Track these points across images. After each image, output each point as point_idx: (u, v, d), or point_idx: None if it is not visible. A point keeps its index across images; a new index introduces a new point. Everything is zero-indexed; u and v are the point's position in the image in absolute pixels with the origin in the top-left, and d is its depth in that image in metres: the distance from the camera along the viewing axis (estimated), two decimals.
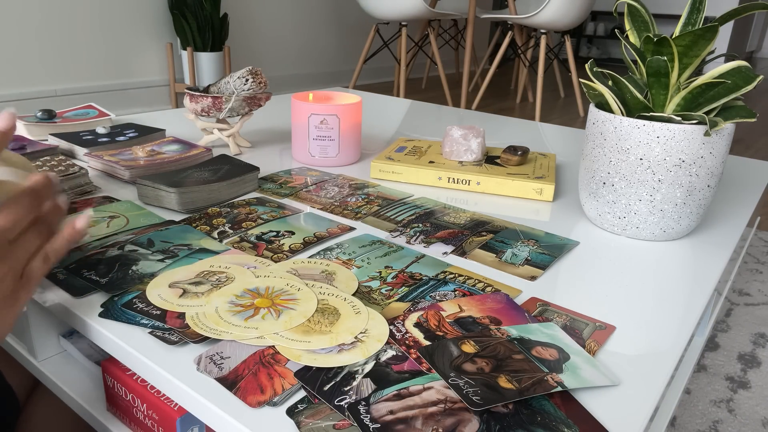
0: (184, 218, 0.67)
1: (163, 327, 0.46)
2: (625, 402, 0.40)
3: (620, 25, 5.45)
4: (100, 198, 0.72)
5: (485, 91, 3.82)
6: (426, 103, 1.43)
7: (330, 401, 0.38)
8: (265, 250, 0.60)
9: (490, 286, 0.54)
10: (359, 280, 0.54)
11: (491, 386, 0.39)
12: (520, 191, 0.79)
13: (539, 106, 2.83)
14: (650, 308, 0.53)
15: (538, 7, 3.00)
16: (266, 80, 0.93)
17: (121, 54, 2.57)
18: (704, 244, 0.67)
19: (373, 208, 0.72)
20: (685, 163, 0.62)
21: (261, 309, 0.48)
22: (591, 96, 0.69)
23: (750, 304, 1.25)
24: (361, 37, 3.84)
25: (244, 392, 0.39)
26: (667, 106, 0.63)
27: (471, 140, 0.85)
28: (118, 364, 0.50)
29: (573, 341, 0.46)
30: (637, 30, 0.67)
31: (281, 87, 3.34)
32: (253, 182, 0.77)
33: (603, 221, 0.69)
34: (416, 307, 0.50)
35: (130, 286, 0.51)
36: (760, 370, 1.03)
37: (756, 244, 1.55)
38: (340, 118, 0.87)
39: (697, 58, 0.60)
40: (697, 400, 0.94)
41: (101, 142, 0.88)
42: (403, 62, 3.09)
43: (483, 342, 0.45)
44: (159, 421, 0.47)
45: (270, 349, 0.43)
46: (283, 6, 3.21)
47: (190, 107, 0.91)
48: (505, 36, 4.01)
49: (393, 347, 0.44)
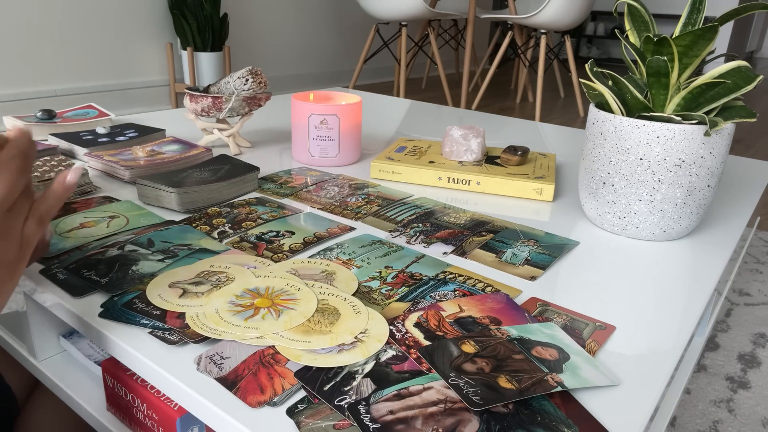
0: (184, 218, 0.67)
1: (163, 327, 0.46)
2: (625, 402, 0.40)
3: (620, 25, 5.45)
4: (100, 198, 0.72)
5: (485, 91, 3.82)
6: (426, 103, 1.43)
7: (330, 401, 0.38)
8: (265, 250, 0.60)
9: (490, 286, 0.54)
10: (359, 280, 0.54)
11: (491, 386, 0.39)
12: (520, 191, 0.79)
13: (539, 106, 2.83)
14: (650, 308, 0.53)
15: (538, 7, 3.00)
16: (266, 80, 0.93)
17: (121, 54, 2.57)
18: (704, 244, 0.67)
19: (373, 208, 0.72)
20: (685, 163, 0.62)
21: (261, 309, 0.48)
22: (591, 96, 0.69)
23: (750, 304, 1.25)
24: (361, 37, 3.84)
25: (244, 392, 0.39)
26: (667, 106, 0.63)
27: (471, 140, 0.85)
28: (118, 364, 0.50)
29: (573, 341, 0.46)
30: (637, 30, 0.67)
31: (281, 87, 3.34)
32: (253, 182, 0.77)
33: (603, 221, 0.69)
34: (416, 307, 0.50)
35: (130, 286, 0.51)
36: (760, 370, 1.03)
37: (756, 244, 1.55)
38: (340, 118, 0.87)
39: (697, 58, 0.60)
40: (697, 400, 0.94)
41: (101, 142, 0.88)
42: (403, 62, 3.09)
43: (483, 342, 0.45)
44: (159, 421, 0.47)
45: (270, 349, 0.43)
46: (283, 6, 3.21)
47: (190, 107, 0.91)
48: (505, 36, 4.01)
49: (393, 347, 0.44)
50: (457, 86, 3.97)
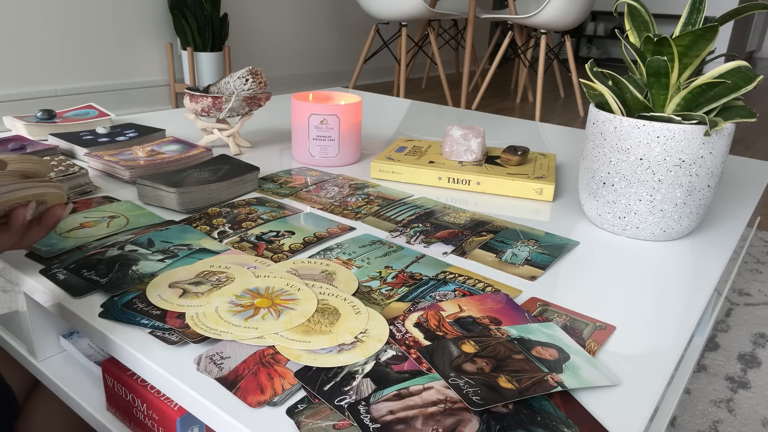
0: (184, 218, 0.67)
1: (163, 327, 0.46)
2: (625, 402, 0.40)
3: (620, 25, 5.45)
4: (100, 198, 0.72)
5: (485, 91, 3.82)
6: (426, 103, 1.43)
7: (330, 401, 0.38)
8: (265, 250, 0.60)
9: (490, 286, 0.54)
10: (359, 280, 0.54)
11: (491, 386, 0.39)
12: (520, 191, 0.79)
13: (539, 106, 2.83)
14: (650, 308, 0.53)
15: (538, 7, 3.00)
16: (266, 80, 0.93)
17: (121, 54, 2.57)
18: (704, 244, 0.67)
19: (373, 208, 0.72)
20: (685, 163, 0.62)
21: (261, 309, 0.48)
22: (591, 96, 0.69)
23: (750, 304, 1.25)
24: (361, 37, 3.84)
25: (244, 392, 0.39)
26: (667, 106, 0.63)
27: (471, 140, 0.85)
28: (118, 364, 0.50)
29: (573, 341, 0.46)
30: (637, 30, 0.67)
31: (281, 87, 3.34)
32: (253, 182, 0.77)
33: (603, 221, 0.69)
34: (416, 307, 0.50)
35: (130, 286, 0.51)
36: (760, 370, 1.03)
37: (756, 244, 1.55)
38: (340, 118, 0.87)
39: (697, 58, 0.60)
40: (697, 400, 0.94)
41: (101, 142, 0.88)
42: (403, 62, 3.09)
43: (483, 342, 0.45)
44: (159, 421, 0.47)
45: (270, 349, 0.43)
46: (283, 6, 3.21)
47: (190, 107, 0.91)
48: (505, 36, 4.01)
49: (393, 347, 0.44)
50: (457, 86, 3.96)
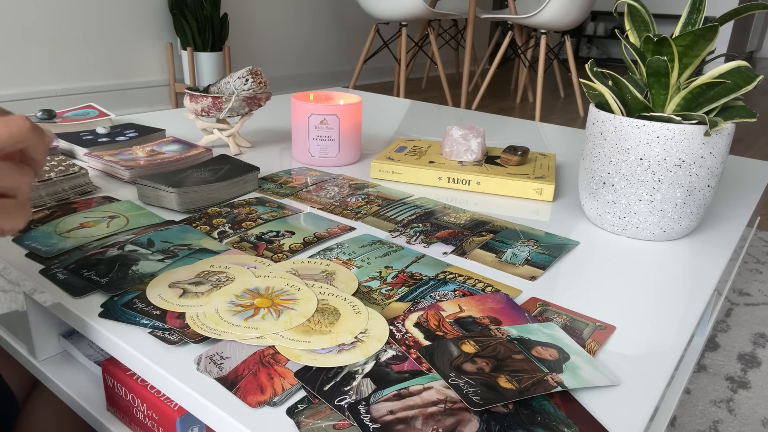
0: (184, 218, 0.67)
1: (163, 327, 0.46)
2: (625, 402, 0.40)
3: (620, 25, 5.45)
4: (100, 198, 0.72)
5: (485, 91, 3.82)
6: (426, 103, 1.43)
7: (330, 401, 0.38)
8: (265, 250, 0.60)
9: (490, 286, 0.54)
10: (359, 280, 0.54)
11: (491, 386, 0.39)
12: (520, 191, 0.79)
13: (539, 106, 2.83)
14: (650, 308, 0.53)
15: (538, 7, 3.00)
16: (266, 80, 0.93)
17: (121, 54, 2.57)
18: (704, 244, 0.67)
19: (373, 208, 0.72)
20: (685, 163, 0.62)
21: (261, 309, 0.48)
22: (591, 96, 0.69)
23: (750, 304, 1.25)
24: (361, 37, 3.84)
25: (244, 392, 0.39)
26: (667, 106, 0.63)
27: (471, 140, 0.85)
28: (118, 364, 0.50)
29: (573, 341, 0.46)
30: (637, 30, 0.67)
31: (281, 87, 3.34)
32: (253, 182, 0.77)
33: (603, 221, 0.69)
34: (416, 307, 0.50)
35: (130, 286, 0.51)
36: (760, 370, 1.03)
37: (756, 244, 1.55)
38: (340, 118, 0.87)
39: (697, 58, 0.60)
40: (697, 400, 0.94)
41: (101, 142, 0.88)
42: (403, 62, 3.09)
43: (483, 342, 0.45)
44: (159, 421, 0.47)
45: (270, 349, 0.43)
46: (283, 6, 3.21)
47: (190, 107, 0.91)
48: (505, 36, 4.01)
49: (393, 347, 0.44)
50: (457, 86, 3.96)
